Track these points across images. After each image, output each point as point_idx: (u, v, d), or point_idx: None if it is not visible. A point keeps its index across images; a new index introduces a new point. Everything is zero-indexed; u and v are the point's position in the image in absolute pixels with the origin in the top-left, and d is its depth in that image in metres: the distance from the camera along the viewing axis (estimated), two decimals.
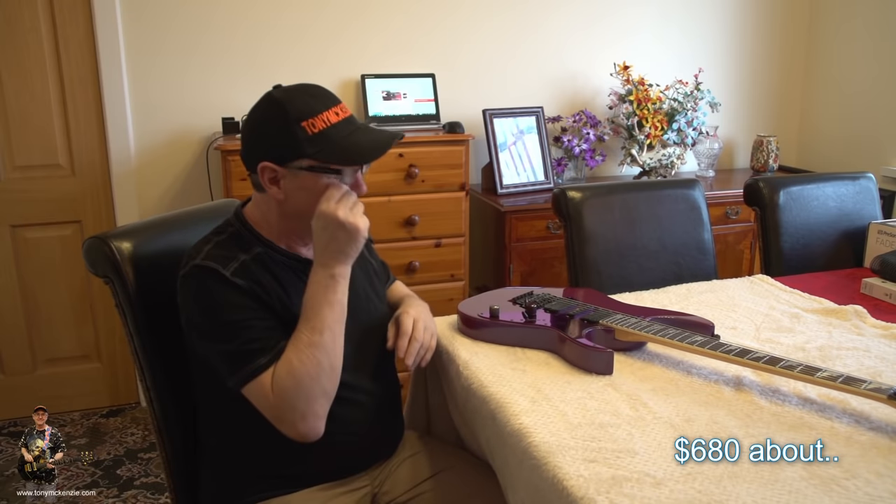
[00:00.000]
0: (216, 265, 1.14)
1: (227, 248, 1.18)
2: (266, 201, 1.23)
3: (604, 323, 1.33)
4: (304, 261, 1.25)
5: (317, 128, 1.14)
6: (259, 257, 1.19)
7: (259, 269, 1.18)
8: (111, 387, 2.80)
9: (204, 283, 1.14)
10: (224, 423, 1.25)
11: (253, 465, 1.24)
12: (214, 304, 1.14)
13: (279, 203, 1.20)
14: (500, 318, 1.39)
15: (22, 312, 2.64)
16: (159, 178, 2.68)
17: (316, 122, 1.14)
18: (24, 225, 2.59)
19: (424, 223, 2.56)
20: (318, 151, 1.14)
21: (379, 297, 1.39)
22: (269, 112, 1.17)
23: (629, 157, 3.00)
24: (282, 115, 1.15)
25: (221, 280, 1.13)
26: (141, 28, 2.55)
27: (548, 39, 3.00)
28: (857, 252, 2.05)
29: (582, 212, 1.89)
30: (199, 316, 1.15)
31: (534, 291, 1.53)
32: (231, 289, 1.14)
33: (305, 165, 1.15)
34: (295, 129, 1.14)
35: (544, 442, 1.03)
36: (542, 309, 1.41)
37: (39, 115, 2.53)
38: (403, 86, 2.76)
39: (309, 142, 1.14)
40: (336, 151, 1.15)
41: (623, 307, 1.44)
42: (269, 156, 1.16)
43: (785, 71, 3.40)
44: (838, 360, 1.31)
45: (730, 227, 2.89)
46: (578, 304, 1.44)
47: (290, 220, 1.22)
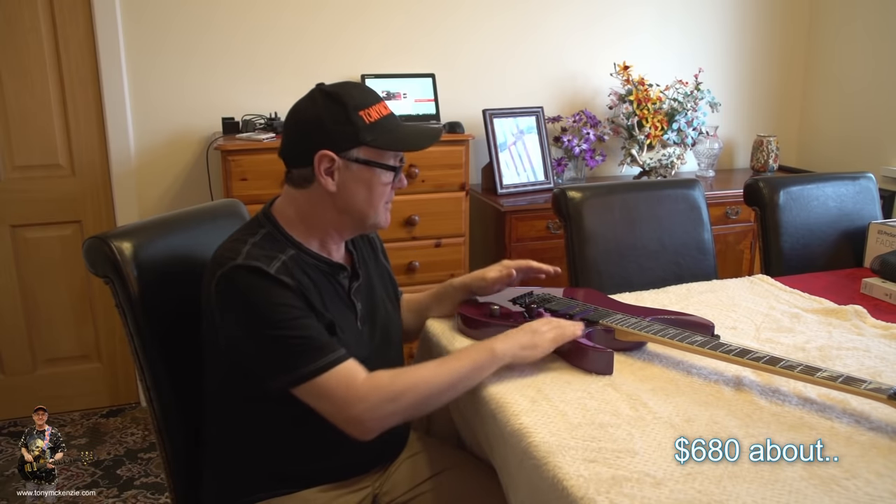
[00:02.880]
0: (260, 264, 1.14)
1: (265, 249, 1.18)
2: (307, 199, 1.23)
3: (604, 323, 1.33)
4: (334, 265, 1.26)
5: (372, 118, 1.19)
6: (294, 259, 1.20)
7: (297, 270, 1.18)
8: (111, 387, 2.81)
9: (251, 281, 1.13)
10: (234, 423, 1.25)
11: (259, 464, 1.24)
12: (267, 301, 1.12)
13: (330, 196, 1.21)
14: (500, 318, 1.39)
15: (22, 312, 2.64)
16: (159, 178, 2.68)
17: (371, 113, 1.19)
18: (24, 225, 2.59)
19: (424, 223, 2.56)
20: (375, 139, 1.18)
21: (392, 303, 1.41)
22: (326, 102, 1.20)
23: (629, 157, 3.00)
24: (340, 104, 1.18)
25: (269, 278, 1.13)
26: (141, 28, 2.55)
27: (548, 39, 3.01)
28: (857, 252, 2.05)
29: (582, 212, 1.89)
30: (249, 315, 1.13)
31: (534, 291, 1.53)
32: (280, 287, 1.13)
33: (362, 156, 1.19)
34: (354, 117, 1.18)
35: (544, 442, 1.03)
36: (542, 309, 1.41)
37: (39, 115, 2.53)
38: (403, 86, 2.76)
39: (367, 130, 1.18)
40: (392, 139, 1.20)
41: (623, 307, 1.44)
42: (327, 144, 1.18)
43: (785, 71, 3.40)
44: (838, 360, 1.31)
45: (730, 227, 2.89)
46: (578, 304, 1.44)
47: (339, 214, 1.23)
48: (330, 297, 1.22)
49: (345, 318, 1.24)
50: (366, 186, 1.21)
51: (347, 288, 1.28)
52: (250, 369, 1.17)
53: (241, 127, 2.57)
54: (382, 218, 1.27)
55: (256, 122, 2.56)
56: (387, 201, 1.26)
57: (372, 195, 1.22)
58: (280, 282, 1.13)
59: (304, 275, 1.19)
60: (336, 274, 1.26)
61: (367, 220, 1.25)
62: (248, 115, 2.58)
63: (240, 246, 1.17)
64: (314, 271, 1.22)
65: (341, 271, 1.28)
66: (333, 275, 1.25)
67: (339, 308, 1.24)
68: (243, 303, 1.13)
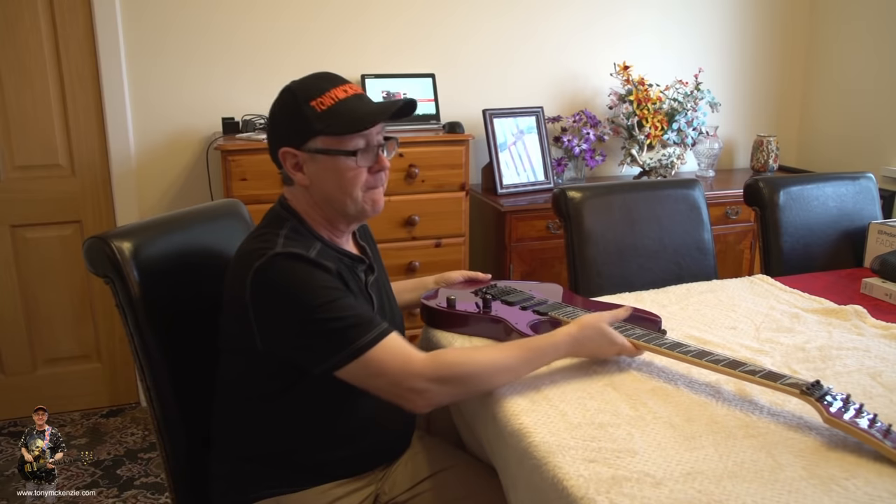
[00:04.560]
0: (300, 250, 1.14)
1: (297, 240, 1.18)
2: (295, 195, 1.25)
3: (552, 315, 1.36)
4: (355, 258, 1.28)
5: (325, 105, 1.17)
6: (323, 250, 1.21)
7: (329, 259, 1.19)
8: (111, 387, 2.81)
9: (295, 266, 1.12)
10: (247, 420, 1.25)
11: (270, 460, 1.24)
12: (313, 284, 1.12)
13: (307, 189, 1.22)
14: (455, 307, 1.42)
15: (22, 312, 2.64)
16: (159, 178, 2.68)
17: (324, 100, 1.18)
18: (24, 225, 2.59)
19: (424, 223, 2.56)
20: (327, 126, 1.17)
21: (393, 298, 1.43)
22: (282, 99, 1.22)
23: (629, 157, 3.00)
24: (292, 98, 1.19)
25: (311, 262, 1.14)
26: (141, 28, 2.55)
27: (548, 39, 3.01)
28: (857, 252, 2.05)
29: (582, 212, 1.89)
30: (295, 300, 1.12)
31: (497, 284, 1.57)
32: (323, 270, 1.14)
33: (321, 146, 1.18)
34: (304, 109, 1.17)
35: (544, 442, 1.03)
36: (499, 301, 1.45)
37: (39, 115, 2.53)
38: (403, 86, 2.76)
39: (318, 118, 1.17)
40: (344, 123, 1.17)
41: (584, 303, 1.48)
42: (285, 140, 1.20)
43: (785, 71, 3.40)
44: (838, 360, 1.31)
45: (730, 227, 2.89)
46: (535, 297, 1.47)
47: (321, 207, 1.24)
48: (354, 289, 1.22)
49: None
50: (334, 175, 1.19)
51: (364, 281, 1.29)
52: (294, 358, 1.16)
53: (241, 127, 2.57)
54: (366, 204, 1.23)
55: (256, 122, 2.56)
56: (369, 187, 1.22)
57: (343, 182, 1.20)
58: (322, 265, 1.14)
59: (336, 264, 1.20)
60: (356, 267, 1.27)
61: (347, 209, 1.23)
62: (248, 116, 2.58)
63: (273, 237, 1.17)
64: (338, 263, 1.22)
65: (360, 264, 1.29)
66: (354, 268, 1.26)
67: (361, 301, 1.24)
68: (287, 289, 1.12)
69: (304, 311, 1.12)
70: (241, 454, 1.26)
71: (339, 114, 1.17)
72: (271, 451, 1.24)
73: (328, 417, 1.23)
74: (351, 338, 1.12)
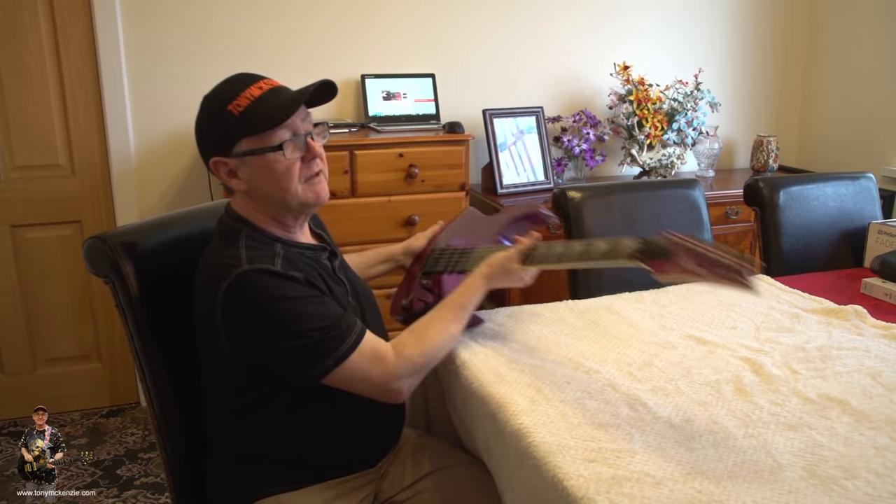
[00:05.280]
0: (266, 265, 1.13)
1: (258, 249, 1.17)
2: (239, 202, 1.24)
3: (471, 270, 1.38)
4: (315, 247, 1.28)
5: (242, 106, 1.16)
6: (285, 251, 1.20)
7: (293, 261, 1.19)
8: (111, 387, 2.80)
9: (264, 282, 1.12)
10: (234, 427, 1.25)
11: (262, 462, 1.24)
12: (285, 299, 1.12)
13: (247, 194, 1.21)
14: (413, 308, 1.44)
15: (22, 312, 2.64)
16: (159, 178, 2.68)
17: (240, 102, 1.16)
18: (24, 225, 2.59)
19: (425, 223, 2.55)
20: (248, 126, 1.16)
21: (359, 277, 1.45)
22: (201, 111, 1.22)
23: (629, 157, 3.00)
24: (209, 107, 1.20)
25: (280, 276, 1.13)
26: (141, 28, 2.55)
27: (548, 39, 3.00)
28: (857, 252, 2.05)
29: (582, 212, 1.89)
30: (270, 317, 1.12)
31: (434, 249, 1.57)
32: (292, 281, 1.14)
33: (247, 148, 1.17)
34: (223, 115, 1.16)
35: (544, 442, 1.03)
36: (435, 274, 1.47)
37: (39, 115, 2.53)
38: (403, 86, 2.76)
39: (237, 121, 1.16)
40: (263, 119, 1.16)
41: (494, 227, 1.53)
42: (213, 150, 1.19)
43: (785, 71, 3.40)
44: (838, 360, 1.31)
45: (730, 227, 2.89)
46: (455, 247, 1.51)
47: (265, 208, 1.22)
48: (325, 279, 1.22)
49: (342, 296, 1.25)
50: (268, 174, 1.17)
51: (332, 267, 1.29)
52: (276, 371, 1.16)
53: None
54: (307, 195, 1.21)
55: None
56: (307, 177, 1.21)
57: (278, 179, 1.18)
58: (290, 277, 1.14)
59: (300, 263, 1.20)
60: (318, 256, 1.27)
61: (289, 204, 1.21)
62: None
63: (235, 252, 1.15)
64: (301, 259, 1.22)
65: (322, 252, 1.29)
66: (317, 258, 1.26)
67: (334, 288, 1.24)
68: (261, 306, 1.12)
69: (279, 325, 1.12)
70: (237, 455, 1.26)
71: (257, 111, 1.16)
72: (265, 453, 1.24)
73: (316, 419, 1.23)
74: (330, 347, 1.13)
